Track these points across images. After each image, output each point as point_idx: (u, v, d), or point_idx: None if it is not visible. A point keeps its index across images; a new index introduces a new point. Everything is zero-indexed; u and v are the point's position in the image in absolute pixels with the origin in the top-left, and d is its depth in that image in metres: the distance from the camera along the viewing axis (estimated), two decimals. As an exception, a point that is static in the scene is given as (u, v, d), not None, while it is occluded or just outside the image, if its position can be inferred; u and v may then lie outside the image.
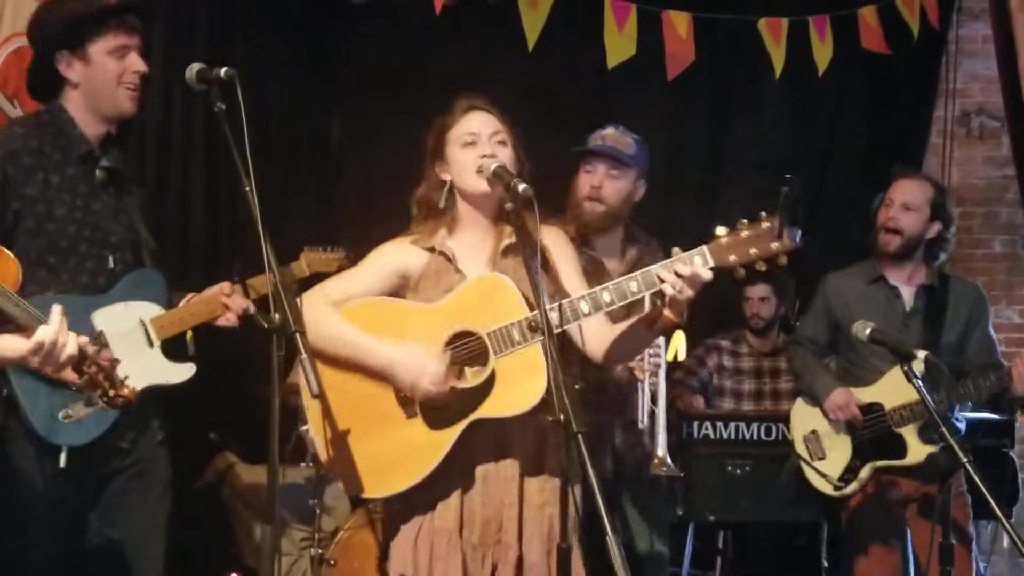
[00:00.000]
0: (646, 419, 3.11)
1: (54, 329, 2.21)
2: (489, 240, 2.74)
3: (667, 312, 2.49)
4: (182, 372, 2.92)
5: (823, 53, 4.99)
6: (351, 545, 4.13)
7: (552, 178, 4.39)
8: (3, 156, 2.71)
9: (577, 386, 2.37)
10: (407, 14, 5.02)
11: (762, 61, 5.05)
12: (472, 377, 2.61)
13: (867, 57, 5.20)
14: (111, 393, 2.30)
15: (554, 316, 2.54)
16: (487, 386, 2.59)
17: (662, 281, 2.44)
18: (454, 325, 2.61)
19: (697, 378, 4.91)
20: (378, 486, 2.65)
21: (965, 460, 2.66)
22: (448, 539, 2.60)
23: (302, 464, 4.31)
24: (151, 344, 2.86)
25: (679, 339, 2.66)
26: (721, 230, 2.42)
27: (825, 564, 4.34)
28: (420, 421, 2.62)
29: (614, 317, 2.69)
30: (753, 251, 2.39)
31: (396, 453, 2.61)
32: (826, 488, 3.74)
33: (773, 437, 4.34)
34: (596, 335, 2.69)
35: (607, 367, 2.77)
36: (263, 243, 2.45)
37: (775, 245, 2.37)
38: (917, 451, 3.60)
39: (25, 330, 2.22)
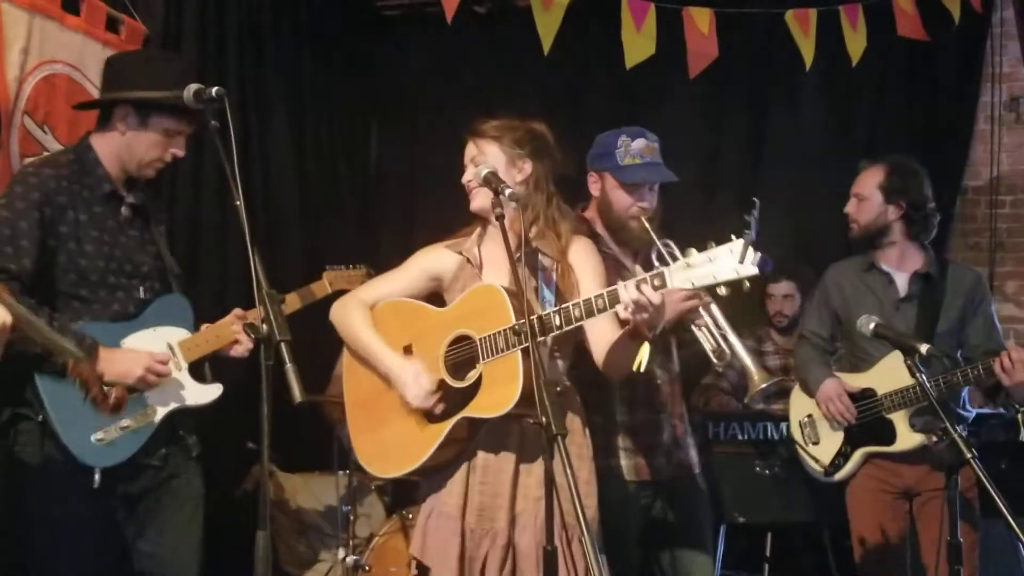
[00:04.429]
0: (725, 348, 3.06)
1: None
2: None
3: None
4: (210, 393, 3.00)
5: (856, 43, 4.88)
6: (385, 551, 4.20)
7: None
8: (40, 198, 2.83)
9: (558, 389, 2.38)
10: (439, 23, 5.05)
11: (795, 54, 4.97)
12: (464, 378, 2.74)
13: (906, 45, 5.08)
14: (100, 396, 2.45)
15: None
16: (475, 387, 2.71)
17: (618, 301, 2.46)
18: (456, 329, 2.77)
19: (727, 380, 4.84)
20: (383, 468, 2.95)
21: (969, 455, 2.58)
22: (451, 524, 2.73)
23: (341, 472, 4.38)
24: (179, 367, 2.95)
25: (644, 350, 2.66)
26: (690, 252, 2.37)
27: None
28: (418, 415, 2.82)
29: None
30: (715, 276, 2.33)
31: (397, 441, 2.84)
32: (817, 473, 3.69)
33: (801, 437, 4.27)
34: (600, 341, 2.73)
35: (610, 374, 2.79)
36: (251, 255, 2.50)
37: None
38: (906, 438, 3.50)
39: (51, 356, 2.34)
